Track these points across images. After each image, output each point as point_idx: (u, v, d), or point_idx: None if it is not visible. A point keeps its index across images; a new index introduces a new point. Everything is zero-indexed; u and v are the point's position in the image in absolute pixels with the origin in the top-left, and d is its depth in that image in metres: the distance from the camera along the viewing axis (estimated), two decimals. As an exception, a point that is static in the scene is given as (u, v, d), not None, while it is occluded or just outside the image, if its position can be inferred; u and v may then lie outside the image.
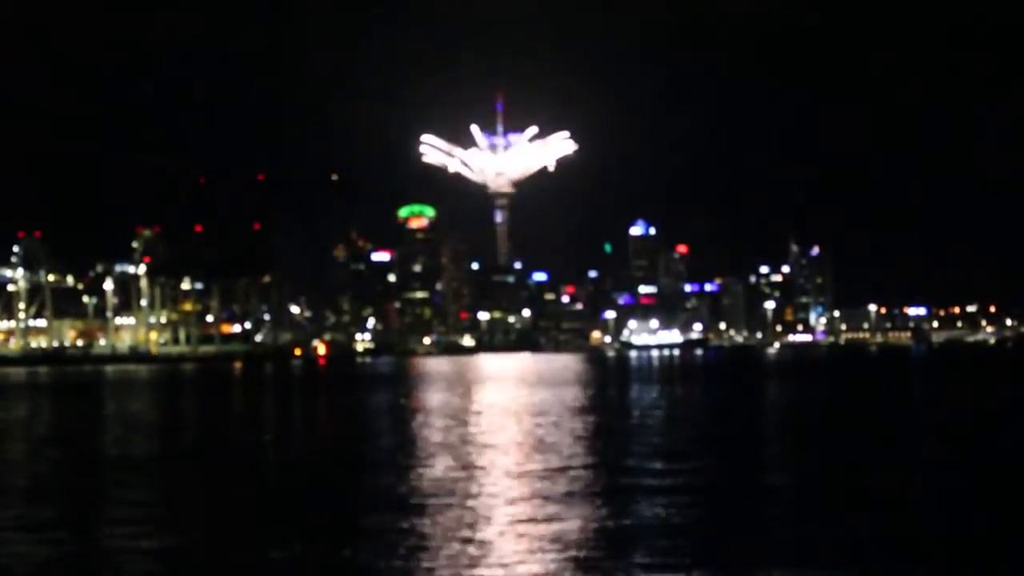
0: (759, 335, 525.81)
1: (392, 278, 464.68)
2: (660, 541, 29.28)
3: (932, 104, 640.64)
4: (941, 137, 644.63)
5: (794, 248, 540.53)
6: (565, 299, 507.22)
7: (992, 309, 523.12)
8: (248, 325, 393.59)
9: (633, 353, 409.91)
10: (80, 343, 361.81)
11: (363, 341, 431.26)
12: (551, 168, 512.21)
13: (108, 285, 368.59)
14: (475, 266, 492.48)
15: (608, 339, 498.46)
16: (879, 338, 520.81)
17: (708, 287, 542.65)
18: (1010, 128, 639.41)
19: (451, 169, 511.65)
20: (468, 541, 29.06)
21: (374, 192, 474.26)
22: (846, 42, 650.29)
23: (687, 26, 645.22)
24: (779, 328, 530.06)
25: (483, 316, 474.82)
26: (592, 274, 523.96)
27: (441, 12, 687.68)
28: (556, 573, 25.64)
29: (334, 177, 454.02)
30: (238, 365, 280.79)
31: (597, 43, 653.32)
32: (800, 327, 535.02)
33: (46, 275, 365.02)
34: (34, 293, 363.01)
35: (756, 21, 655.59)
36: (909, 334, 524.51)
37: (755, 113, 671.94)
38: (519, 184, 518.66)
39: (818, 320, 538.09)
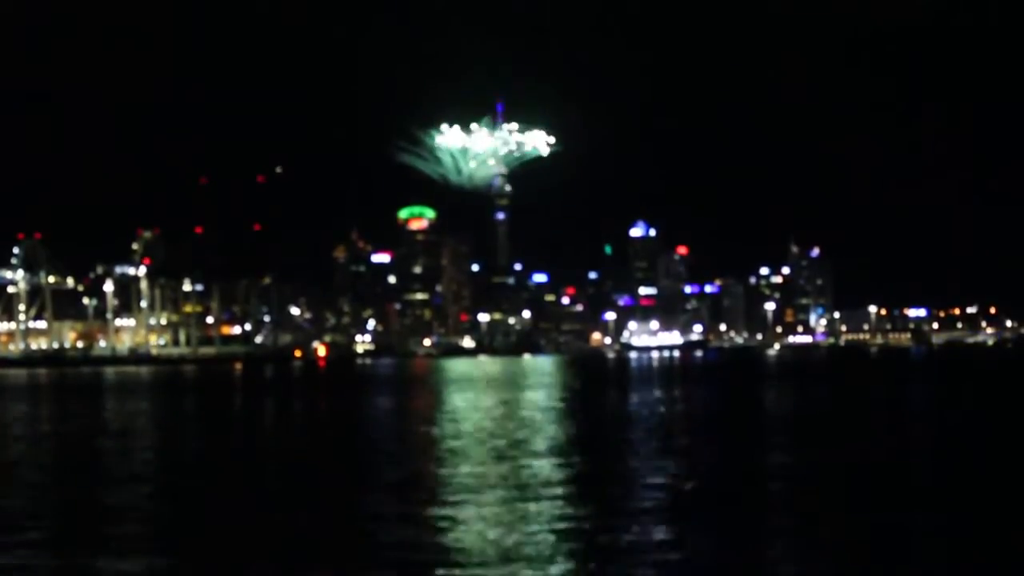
0: (759, 336, 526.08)
1: (392, 280, 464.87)
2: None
3: (931, 104, 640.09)
4: (941, 137, 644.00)
5: (794, 249, 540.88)
6: (565, 300, 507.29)
7: (992, 310, 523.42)
8: (248, 327, 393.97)
9: (633, 354, 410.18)
10: (80, 345, 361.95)
11: (363, 343, 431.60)
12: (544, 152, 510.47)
13: (108, 287, 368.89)
14: (475, 268, 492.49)
15: (608, 340, 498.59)
16: (879, 339, 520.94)
17: (708, 288, 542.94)
18: (1011, 128, 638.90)
19: (438, 175, 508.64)
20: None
21: (374, 193, 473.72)
22: (846, 41, 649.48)
23: (686, 26, 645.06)
24: (779, 329, 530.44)
25: (483, 318, 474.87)
26: (592, 275, 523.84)
27: (443, 11, 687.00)
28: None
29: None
30: (238, 367, 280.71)
31: (597, 43, 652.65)
32: (800, 328, 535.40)
33: (46, 277, 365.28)
34: (34, 295, 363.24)
35: (755, 20, 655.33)
36: (909, 335, 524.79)
37: (755, 113, 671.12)
38: (517, 182, 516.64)
39: (818, 321, 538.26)
